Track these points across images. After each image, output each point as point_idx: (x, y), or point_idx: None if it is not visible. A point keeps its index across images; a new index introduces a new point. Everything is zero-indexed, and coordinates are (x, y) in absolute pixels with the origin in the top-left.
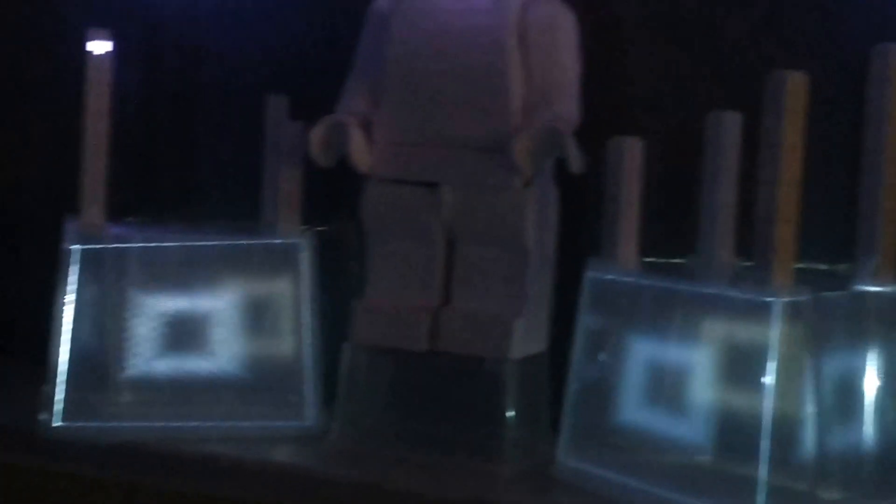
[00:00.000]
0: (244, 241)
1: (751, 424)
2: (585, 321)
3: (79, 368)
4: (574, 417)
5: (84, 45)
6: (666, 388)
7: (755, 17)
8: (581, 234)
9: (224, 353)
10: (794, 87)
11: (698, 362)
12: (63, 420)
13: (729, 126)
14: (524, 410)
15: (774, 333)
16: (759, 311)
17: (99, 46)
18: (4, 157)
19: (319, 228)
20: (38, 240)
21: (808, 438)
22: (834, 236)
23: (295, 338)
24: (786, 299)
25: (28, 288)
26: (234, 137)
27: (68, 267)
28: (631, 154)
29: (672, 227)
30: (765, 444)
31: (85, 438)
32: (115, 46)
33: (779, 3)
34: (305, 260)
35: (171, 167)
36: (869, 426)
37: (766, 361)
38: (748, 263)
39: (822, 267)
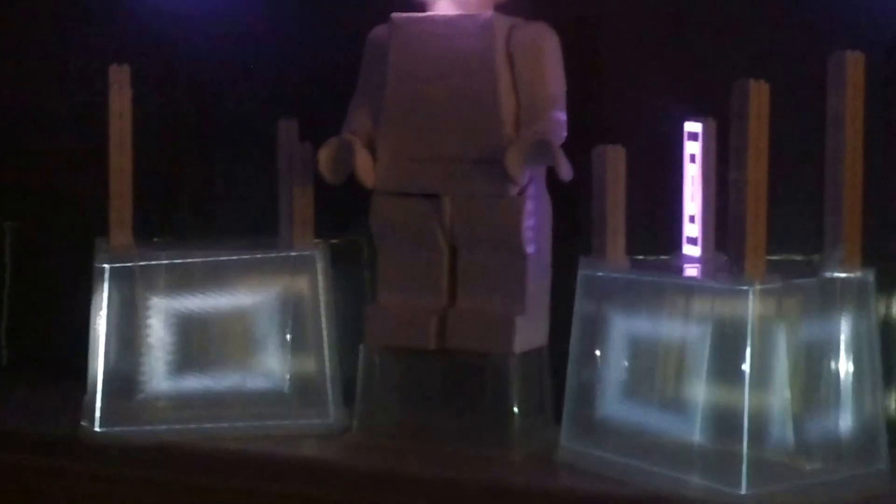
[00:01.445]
0: (263, 255)
1: (733, 404)
2: (580, 315)
3: (114, 378)
4: (574, 404)
5: (106, 79)
6: (655, 373)
7: (724, 30)
8: (576, 236)
9: (250, 359)
10: (757, 93)
11: (683, 349)
12: (103, 426)
13: (707, 133)
14: (528, 400)
15: (750, 319)
16: (735, 299)
17: (120, 78)
18: (38, 187)
19: (333, 241)
20: (70, 261)
21: (787, 415)
22: (807, 230)
23: (315, 342)
24: (759, 287)
25: (63, 307)
26: (250, 160)
27: (100, 284)
28: (614, 161)
29: (659, 228)
30: (745, 422)
31: (124, 442)
32: (135, 78)
33: (744, 17)
34: (320, 270)
35: (192, 190)
36: (841, 401)
37: (743, 345)
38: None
39: (796, 258)
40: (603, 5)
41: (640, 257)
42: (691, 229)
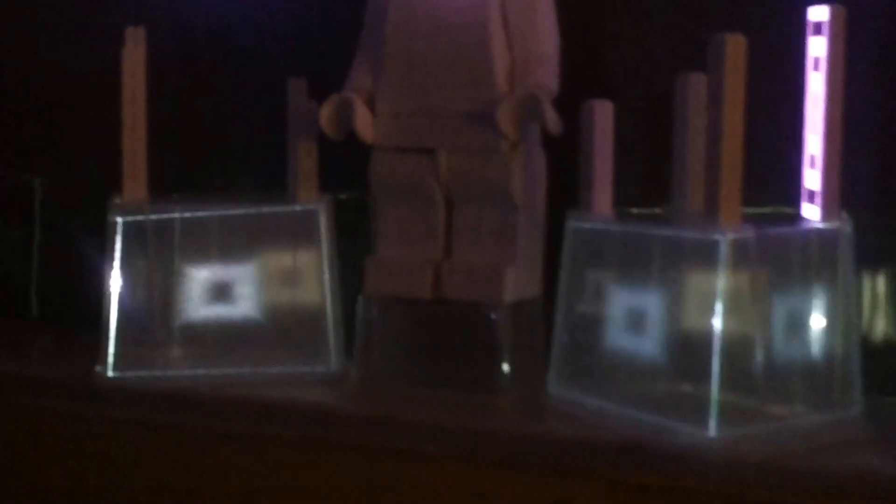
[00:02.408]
0: (268, 209)
1: (705, 349)
2: (568, 265)
3: (127, 326)
4: (560, 352)
5: (122, 39)
6: (637, 321)
7: None
8: (571, 191)
9: (256, 308)
10: (733, 47)
11: (663, 297)
12: (115, 371)
13: (695, 87)
14: (520, 349)
15: (722, 268)
16: (709, 249)
17: (134, 37)
18: (55, 146)
19: (340, 195)
20: (96, 216)
21: (757, 361)
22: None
23: (318, 293)
24: (731, 237)
25: (89, 260)
26: (263, 117)
27: (114, 237)
28: (601, 115)
29: (650, 180)
30: (715, 367)
31: (136, 386)
32: (150, 37)
33: None
34: (324, 224)
35: (207, 147)
36: (814, 347)
37: (715, 294)
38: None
39: (773, 210)
40: None
41: (626, 209)
42: (811, 177)
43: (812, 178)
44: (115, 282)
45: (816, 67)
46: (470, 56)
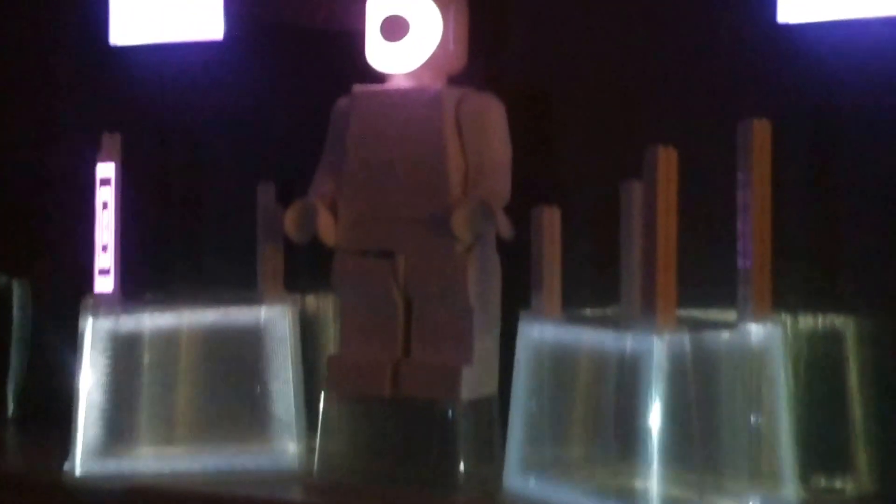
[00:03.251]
0: (236, 309)
1: (647, 444)
2: (520, 364)
3: (97, 424)
4: (517, 448)
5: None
6: (588, 418)
7: (659, 99)
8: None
9: (222, 405)
10: (665, 158)
11: (610, 394)
12: (83, 468)
13: (639, 193)
14: (477, 446)
15: (658, 367)
16: (646, 348)
17: (109, 145)
18: (33, 249)
19: (301, 295)
20: (74, 317)
21: (696, 455)
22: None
23: (282, 390)
24: (667, 336)
25: (66, 361)
26: (233, 219)
27: (84, 336)
28: (550, 221)
29: (600, 282)
30: (654, 461)
31: (104, 484)
32: (128, 145)
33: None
34: (289, 323)
35: (181, 248)
36: (748, 443)
37: (652, 392)
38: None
39: (710, 313)
40: (545, 78)
41: (576, 310)
42: (744, 281)
43: (745, 281)
44: (85, 380)
45: (746, 177)
46: (426, 164)
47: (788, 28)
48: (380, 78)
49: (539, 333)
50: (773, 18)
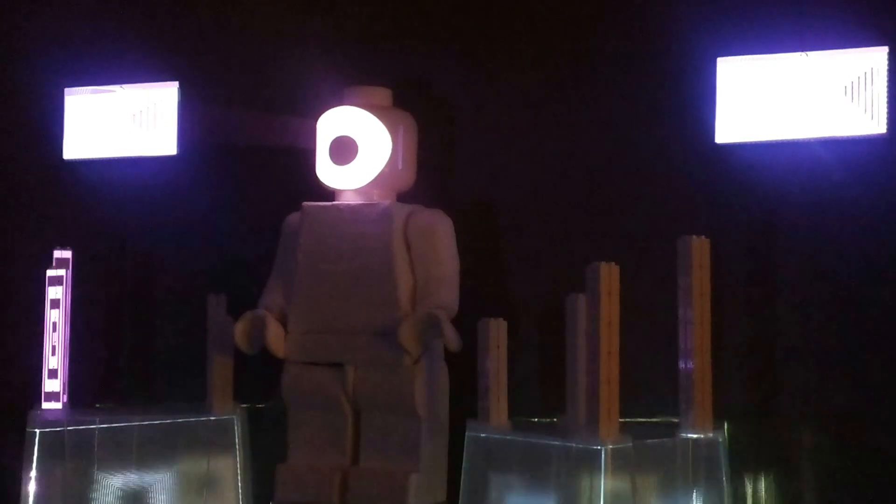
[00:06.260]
0: (185, 419)
1: None
2: (467, 472)
3: None
4: None
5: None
6: None
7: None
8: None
9: None
10: (607, 274)
11: (556, 502)
12: None
13: (583, 306)
14: None
15: (602, 475)
16: (590, 458)
17: (59, 263)
18: None
19: (249, 405)
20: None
21: None
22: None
23: (232, 499)
24: (611, 447)
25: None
26: (183, 331)
27: (30, 449)
28: (496, 332)
29: (546, 392)
30: None
31: None
32: (79, 257)
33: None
34: (238, 433)
35: (132, 359)
36: None
37: (600, 498)
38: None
39: (655, 420)
40: (493, 194)
41: (522, 419)
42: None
43: (686, 389)
44: (31, 495)
45: (683, 293)
46: (375, 278)
47: (726, 148)
48: (330, 194)
49: (486, 441)
50: (711, 139)
